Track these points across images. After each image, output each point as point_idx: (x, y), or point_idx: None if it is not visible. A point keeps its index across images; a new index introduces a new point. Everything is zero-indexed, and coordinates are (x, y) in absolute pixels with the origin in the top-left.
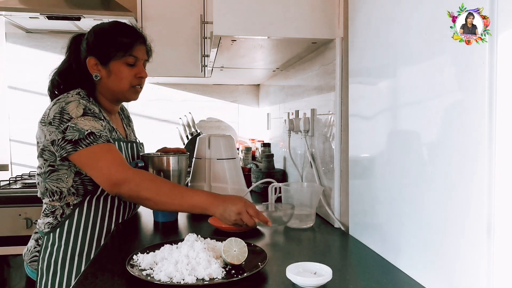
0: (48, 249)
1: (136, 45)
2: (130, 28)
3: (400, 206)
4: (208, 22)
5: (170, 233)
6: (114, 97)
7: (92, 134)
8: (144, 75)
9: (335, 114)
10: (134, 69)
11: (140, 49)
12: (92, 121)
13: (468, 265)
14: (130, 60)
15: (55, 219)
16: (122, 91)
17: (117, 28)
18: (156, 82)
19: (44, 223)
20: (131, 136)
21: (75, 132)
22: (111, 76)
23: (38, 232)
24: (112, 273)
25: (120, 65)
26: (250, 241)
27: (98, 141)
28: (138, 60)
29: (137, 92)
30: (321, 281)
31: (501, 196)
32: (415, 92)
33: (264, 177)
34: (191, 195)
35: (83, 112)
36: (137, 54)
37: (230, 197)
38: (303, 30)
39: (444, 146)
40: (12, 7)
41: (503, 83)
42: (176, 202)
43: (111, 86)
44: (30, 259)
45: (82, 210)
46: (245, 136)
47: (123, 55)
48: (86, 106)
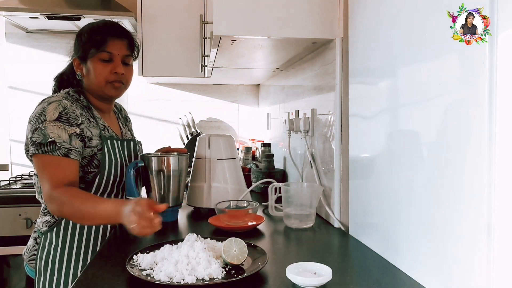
0: (45, 248)
1: (109, 40)
2: (105, 24)
3: (400, 206)
4: (208, 22)
5: (170, 233)
6: (96, 94)
7: (53, 143)
8: (119, 71)
9: (335, 114)
10: (111, 64)
11: (115, 44)
12: (60, 129)
13: (468, 265)
14: (104, 56)
15: (52, 217)
16: (100, 88)
17: (93, 26)
18: (156, 82)
19: (42, 221)
20: (127, 135)
21: (41, 136)
22: (89, 73)
23: (37, 231)
24: (112, 273)
25: (95, 62)
26: (250, 241)
27: (55, 152)
28: (114, 56)
29: (116, 88)
30: (321, 281)
31: (501, 196)
32: (415, 92)
33: (264, 177)
34: (100, 211)
35: (58, 117)
36: (111, 50)
37: (130, 203)
38: (303, 30)
39: (444, 146)
40: (12, 7)
41: (503, 83)
42: (90, 220)
43: (90, 83)
44: (29, 258)
45: None
46: (245, 136)
47: (97, 52)
48: (64, 109)
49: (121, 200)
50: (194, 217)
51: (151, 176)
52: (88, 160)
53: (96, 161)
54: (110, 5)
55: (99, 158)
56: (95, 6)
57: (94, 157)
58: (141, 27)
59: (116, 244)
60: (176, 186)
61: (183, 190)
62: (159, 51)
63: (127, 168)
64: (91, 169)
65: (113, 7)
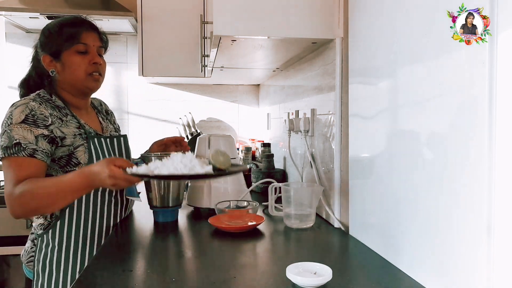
0: (42, 250)
1: (82, 32)
2: (74, 18)
3: (400, 206)
4: (208, 22)
5: (170, 233)
6: (75, 89)
7: (18, 145)
8: (98, 61)
9: (335, 114)
10: (87, 56)
11: (89, 36)
12: (26, 131)
13: (468, 265)
14: (80, 47)
15: (45, 219)
16: (80, 81)
17: (62, 21)
18: (156, 82)
19: (37, 224)
20: (109, 129)
21: (6, 139)
22: (65, 68)
23: (34, 233)
24: (112, 273)
25: (71, 54)
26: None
27: (20, 153)
28: (89, 47)
29: (96, 80)
30: (321, 281)
31: (501, 196)
32: (415, 92)
33: (264, 177)
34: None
35: (23, 119)
36: (86, 41)
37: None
38: (303, 30)
39: (443, 146)
40: (12, 7)
41: (503, 83)
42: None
43: (68, 78)
44: (27, 260)
45: (72, 210)
46: (245, 136)
47: (72, 44)
48: (31, 111)
49: (84, 168)
50: (194, 217)
51: None
52: (66, 160)
53: (75, 159)
54: (110, 5)
55: (77, 156)
56: (95, 6)
57: (72, 155)
58: (141, 27)
59: (116, 244)
60: (176, 186)
61: (183, 190)
62: (159, 51)
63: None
64: (71, 168)
65: (113, 7)
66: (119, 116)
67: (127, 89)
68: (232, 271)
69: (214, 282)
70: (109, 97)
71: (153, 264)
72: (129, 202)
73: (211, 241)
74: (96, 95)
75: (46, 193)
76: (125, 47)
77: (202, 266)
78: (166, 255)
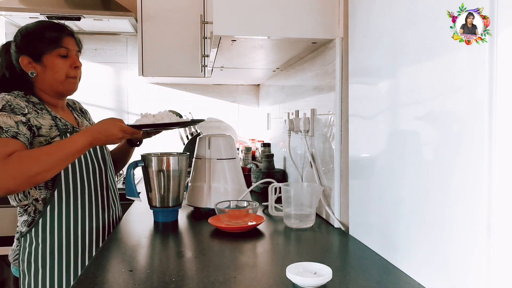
0: (26, 249)
1: (64, 36)
2: (54, 23)
3: (400, 206)
4: (208, 22)
5: (170, 233)
6: (54, 91)
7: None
8: (79, 64)
9: (335, 114)
10: (68, 60)
11: (69, 41)
12: (5, 117)
13: (468, 265)
14: (62, 51)
15: (28, 215)
16: (61, 83)
17: (42, 25)
18: (156, 82)
19: (21, 222)
20: (84, 124)
21: None
22: (46, 70)
23: (17, 232)
24: (112, 273)
25: (53, 58)
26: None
27: (2, 135)
28: (70, 51)
29: (74, 83)
30: (321, 281)
31: (501, 196)
32: (415, 92)
33: (264, 177)
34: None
35: (1, 108)
36: (68, 45)
37: (103, 123)
38: (303, 30)
39: (443, 146)
40: (12, 7)
41: (503, 83)
42: (64, 159)
43: (49, 80)
44: (14, 259)
45: (53, 206)
46: (245, 136)
47: (54, 48)
48: (7, 102)
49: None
50: (194, 217)
51: (151, 176)
52: None
53: None
54: (110, 5)
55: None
56: (95, 6)
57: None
58: (141, 27)
59: (116, 244)
60: (176, 186)
61: (183, 190)
62: (159, 51)
63: (127, 168)
64: None
65: (113, 7)
66: (119, 116)
67: (127, 89)
68: (232, 271)
69: (214, 282)
70: (109, 97)
71: (153, 264)
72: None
73: (211, 241)
74: (96, 95)
75: (45, 152)
76: (125, 47)
77: (202, 266)
78: (166, 255)
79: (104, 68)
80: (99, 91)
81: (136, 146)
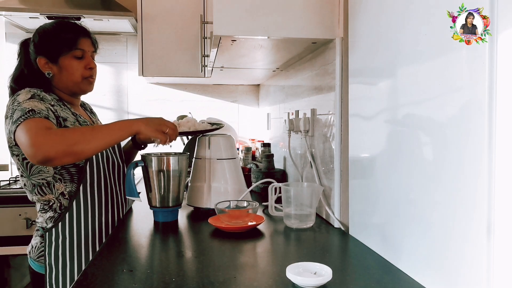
0: (53, 243)
1: (80, 38)
2: (71, 24)
3: (400, 206)
4: (208, 22)
5: (170, 233)
6: (70, 91)
7: (32, 111)
8: (93, 66)
9: (335, 114)
10: (83, 61)
11: (85, 42)
12: (36, 102)
13: (468, 265)
14: (77, 53)
15: (54, 212)
16: (76, 84)
17: (59, 26)
18: (156, 82)
19: (45, 219)
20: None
21: (19, 112)
22: (62, 71)
23: (40, 229)
24: (112, 273)
25: (69, 59)
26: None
27: (35, 115)
28: (85, 53)
29: (90, 83)
30: (321, 281)
31: (501, 196)
32: (415, 92)
33: (264, 177)
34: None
35: (30, 97)
36: (83, 47)
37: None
38: (303, 30)
39: (443, 146)
40: (12, 7)
41: (503, 83)
42: (107, 136)
43: (65, 80)
44: (38, 255)
45: (79, 201)
46: (245, 136)
47: (70, 50)
48: (35, 93)
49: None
50: (194, 217)
51: (151, 176)
52: None
53: None
54: (110, 5)
55: None
56: (95, 6)
57: None
58: (141, 27)
59: (116, 244)
60: (176, 186)
61: (183, 190)
62: (159, 51)
63: (127, 168)
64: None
65: (113, 7)
66: (119, 116)
67: (127, 89)
68: (232, 271)
69: (214, 282)
70: (109, 97)
71: (153, 264)
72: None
73: (211, 241)
74: (96, 94)
75: (88, 127)
76: (125, 47)
77: (202, 266)
78: (166, 255)
79: (104, 68)
80: (99, 91)
81: (141, 149)
